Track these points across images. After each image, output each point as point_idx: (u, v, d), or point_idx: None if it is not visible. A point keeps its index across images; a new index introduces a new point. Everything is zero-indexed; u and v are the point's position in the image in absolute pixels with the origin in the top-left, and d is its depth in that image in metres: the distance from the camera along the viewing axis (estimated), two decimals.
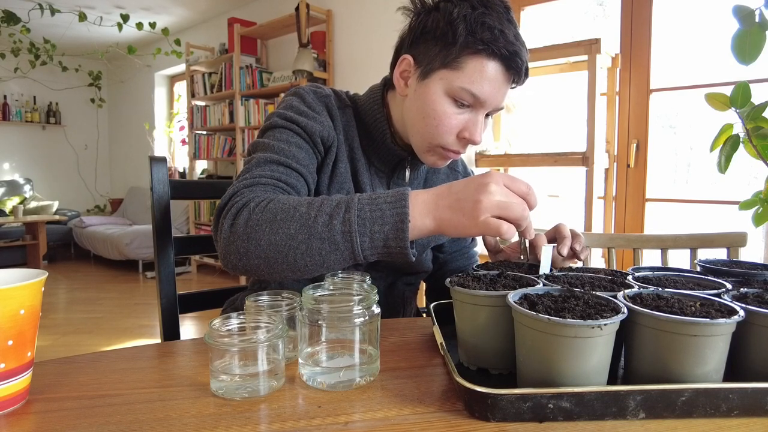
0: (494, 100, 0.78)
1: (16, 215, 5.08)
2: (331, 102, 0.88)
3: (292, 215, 0.64)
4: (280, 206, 0.65)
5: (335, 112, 0.87)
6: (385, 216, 0.62)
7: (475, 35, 0.74)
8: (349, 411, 0.51)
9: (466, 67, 0.76)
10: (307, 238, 0.63)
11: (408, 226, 0.61)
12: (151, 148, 5.98)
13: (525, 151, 2.68)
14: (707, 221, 2.35)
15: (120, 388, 0.56)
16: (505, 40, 0.74)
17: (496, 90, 0.77)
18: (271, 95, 4.20)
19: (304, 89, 0.88)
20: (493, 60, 0.75)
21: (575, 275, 0.70)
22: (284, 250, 0.63)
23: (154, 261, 1.00)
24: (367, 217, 0.62)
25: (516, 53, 0.75)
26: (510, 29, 0.75)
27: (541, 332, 0.49)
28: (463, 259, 1.06)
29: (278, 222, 0.64)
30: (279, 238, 0.63)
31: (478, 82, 0.76)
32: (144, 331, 3.19)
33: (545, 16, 2.87)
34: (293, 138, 0.80)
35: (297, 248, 0.63)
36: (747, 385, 0.48)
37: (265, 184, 0.73)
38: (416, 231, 0.63)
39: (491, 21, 0.74)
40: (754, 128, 0.61)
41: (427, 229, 0.63)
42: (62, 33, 5.16)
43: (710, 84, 2.28)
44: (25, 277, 0.52)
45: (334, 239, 0.62)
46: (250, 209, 0.66)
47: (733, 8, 0.59)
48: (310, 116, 0.83)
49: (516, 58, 0.75)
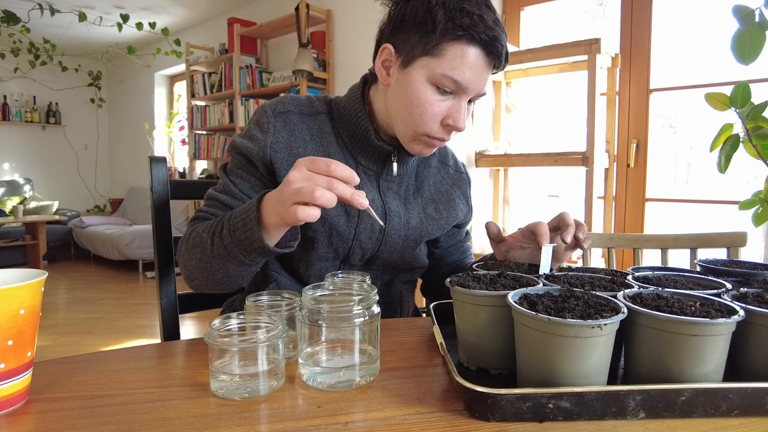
0: (476, 86, 0.79)
1: (16, 215, 5.08)
2: (290, 117, 0.87)
3: (198, 243, 0.77)
4: (194, 237, 0.79)
5: (297, 126, 0.87)
6: (245, 223, 0.70)
7: (455, 21, 0.74)
8: (349, 411, 0.51)
9: (446, 53, 0.76)
10: (210, 259, 0.75)
11: (256, 228, 0.69)
12: (151, 148, 5.98)
13: (525, 151, 2.68)
14: (707, 221, 2.35)
15: (120, 388, 0.56)
16: (484, 25, 0.74)
17: (477, 75, 0.78)
18: (271, 95, 4.19)
19: (264, 109, 0.88)
20: (473, 45, 0.75)
21: (575, 275, 0.70)
22: (202, 271, 0.78)
23: (154, 261, 1.00)
24: (236, 227, 0.71)
25: (496, 38, 0.76)
26: (489, 14, 0.76)
27: (541, 332, 0.49)
28: (458, 253, 1.06)
29: (192, 250, 0.78)
30: (195, 264, 0.78)
31: (459, 69, 0.76)
32: (144, 331, 3.19)
33: (545, 16, 2.87)
34: (238, 168, 0.87)
35: (206, 268, 0.77)
36: (747, 385, 0.48)
37: (202, 218, 0.85)
38: (270, 228, 0.70)
39: (470, 6, 0.74)
40: (753, 128, 0.61)
41: (276, 223, 0.69)
42: (62, 33, 5.15)
43: (710, 84, 2.28)
44: (25, 277, 0.52)
45: (222, 254, 0.73)
46: (182, 242, 0.82)
47: (733, 8, 0.59)
48: (256, 139, 0.84)
49: (496, 43, 0.76)
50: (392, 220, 0.90)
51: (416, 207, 0.94)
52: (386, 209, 0.89)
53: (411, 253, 0.95)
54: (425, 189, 0.97)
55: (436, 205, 0.97)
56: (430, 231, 0.95)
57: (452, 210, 0.99)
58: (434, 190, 0.98)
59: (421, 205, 0.94)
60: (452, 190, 1.01)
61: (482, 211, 2.91)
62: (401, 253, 0.93)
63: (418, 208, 0.94)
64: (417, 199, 0.95)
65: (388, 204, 0.90)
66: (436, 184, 0.99)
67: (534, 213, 2.91)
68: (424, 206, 0.95)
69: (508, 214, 2.98)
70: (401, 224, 0.91)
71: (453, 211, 0.99)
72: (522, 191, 2.97)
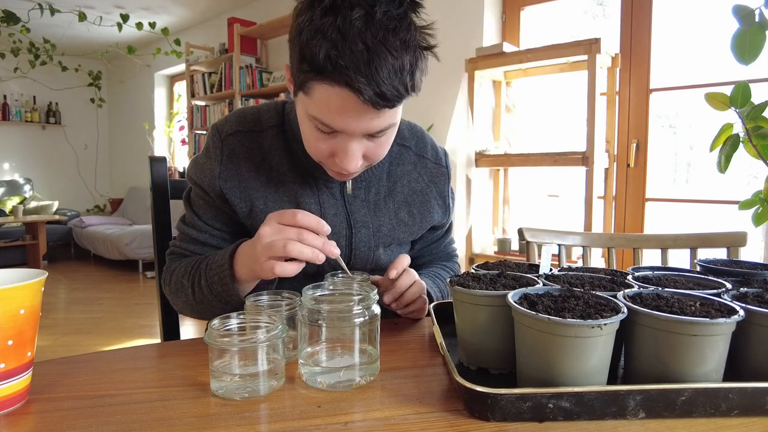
0: (355, 129, 0.66)
1: (16, 215, 5.08)
2: (238, 138, 0.82)
3: (180, 288, 0.81)
4: (175, 281, 0.82)
5: (246, 146, 0.82)
6: (221, 278, 0.74)
7: (313, 61, 0.61)
8: (349, 411, 0.51)
9: (313, 93, 0.64)
10: (194, 304, 0.80)
11: (231, 283, 0.73)
12: (150, 148, 5.98)
13: (525, 151, 2.68)
14: (707, 221, 2.35)
15: (120, 388, 0.56)
16: (352, 63, 0.59)
17: (352, 119, 0.65)
18: (271, 95, 4.20)
19: (213, 131, 0.83)
20: (339, 87, 0.61)
21: (575, 275, 0.70)
22: (189, 309, 0.84)
23: (154, 261, 1.00)
24: (212, 281, 0.75)
25: (367, 80, 0.60)
26: (358, 48, 0.59)
27: (541, 332, 0.49)
28: (431, 255, 1.03)
29: (176, 293, 0.83)
30: (182, 304, 0.84)
31: (326, 113, 0.65)
32: (144, 331, 3.19)
33: (545, 16, 2.87)
34: (199, 198, 0.86)
35: (194, 309, 0.82)
36: (747, 385, 0.48)
37: (177, 254, 0.88)
38: (244, 282, 0.74)
39: (334, 38, 0.59)
40: (753, 128, 0.61)
41: (249, 277, 0.73)
42: (62, 33, 5.15)
43: (710, 84, 2.28)
44: (25, 277, 0.52)
45: (204, 301, 0.78)
46: (164, 282, 0.87)
47: (733, 8, 0.59)
48: (205, 170, 0.82)
49: (366, 88, 0.60)
50: (359, 231, 0.85)
51: (387, 212, 0.88)
52: (351, 221, 0.85)
53: (387, 258, 0.89)
54: (398, 190, 0.90)
55: (409, 208, 0.90)
56: (401, 237, 0.90)
57: (427, 213, 0.92)
58: (408, 190, 0.91)
59: (393, 210, 0.89)
60: (428, 189, 0.93)
61: (482, 211, 2.91)
62: (375, 261, 0.88)
63: (390, 214, 0.88)
64: (388, 203, 0.89)
65: (354, 215, 0.85)
66: (410, 183, 0.91)
67: (534, 213, 2.91)
68: (396, 210, 0.89)
69: (508, 214, 2.99)
70: (369, 234, 0.86)
71: (428, 215, 0.92)
72: (522, 191, 2.97)
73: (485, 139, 2.85)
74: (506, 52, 2.56)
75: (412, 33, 0.64)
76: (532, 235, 1.29)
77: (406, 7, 0.63)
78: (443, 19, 2.99)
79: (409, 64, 0.63)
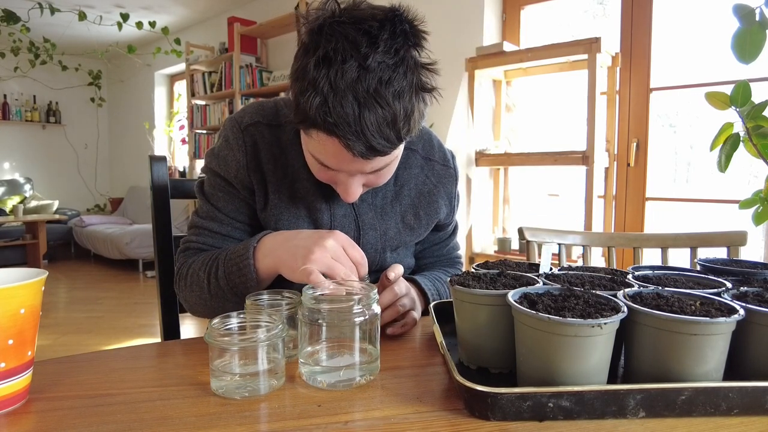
0: (352, 170, 0.69)
1: (16, 215, 5.08)
2: (258, 129, 0.82)
3: (196, 281, 0.79)
4: (191, 275, 0.80)
5: (267, 139, 0.82)
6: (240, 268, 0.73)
7: (306, 112, 0.62)
8: (349, 410, 0.51)
9: (311, 134, 0.66)
10: (208, 298, 0.79)
11: (252, 275, 0.72)
12: (151, 147, 5.98)
13: (525, 150, 2.68)
14: (707, 220, 2.35)
15: (120, 388, 0.56)
16: (342, 121, 0.60)
17: (346, 164, 0.67)
18: (271, 94, 4.19)
19: (231, 123, 0.83)
20: (332, 136, 0.63)
21: (575, 274, 0.70)
22: (202, 305, 0.81)
23: (154, 260, 1.00)
24: (231, 271, 0.74)
25: (356, 138, 0.61)
26: (349, 105, 0.59)
27: (541, 331, 0.49)
28: (433, 257, 1.03)
29: (190, 287, 0.81)
30: (194, 300, 0.82)
31: (323, 154, 0.68)
32: (144, 330, 3.19)
33: (545, 15, 2.87)
34: (218, 191, 0.84)
35: (206, 304, 0.80)
36: (747, 384, 0.48)
37: (194, 249, 0.85)
38: (261, 270, 0.73)
39: (325, 92, 0.60)
40: (754, 127, 0.61)
41: (268, 267, 0.72)
42: (62, 32, 5.15)
43: (710, 83, 2.28)
44: (25, 276, 0.52)
45: (218, 294, 0.77)
46: (178, 278, 0.83)
47: (733, 7, 0.59)
48: (229, 160, 0.81)
49: (357, 144, 0.61)
50: (367, 233, 0.86)
51: (393, 216, 0.89)
52: (359, 223, 0.86)
53: (393, 260, 0.90)
54: (404, 194, 0.90)
55: (415, 211, 0.91)
56: (407, 241, 0.91)
57: (433, 213, 0.92)
58: (415, 193, 0.91)
59: (399, 213, 0.89)
60: (436, 190, 0.93)
61: (482, 210, 2.91)
62: (381, 264, 0.89)
63: (396, 217, 0.89)
64: (395, 207, 0.89)
65: (362, 217, 0.86)
66: (417, 185, 0.92)
67: (534, 212, 2.91)
68: (403, 214, 0.90)
69: (508, 213, 2.99)
70: (377, 237, 0.87)
71: (434, 215, 0.93)
72: (522, 190, 2.97)
73: (485, 138, 2.85)
74: (506, 51, 2.56)
75: (410, 78, 0.63)
76: (532, 234, 1.29)
77: (404, 53, 0.62)
78: (443, 18, 2.98)
79: (404, 112, 0.62)
